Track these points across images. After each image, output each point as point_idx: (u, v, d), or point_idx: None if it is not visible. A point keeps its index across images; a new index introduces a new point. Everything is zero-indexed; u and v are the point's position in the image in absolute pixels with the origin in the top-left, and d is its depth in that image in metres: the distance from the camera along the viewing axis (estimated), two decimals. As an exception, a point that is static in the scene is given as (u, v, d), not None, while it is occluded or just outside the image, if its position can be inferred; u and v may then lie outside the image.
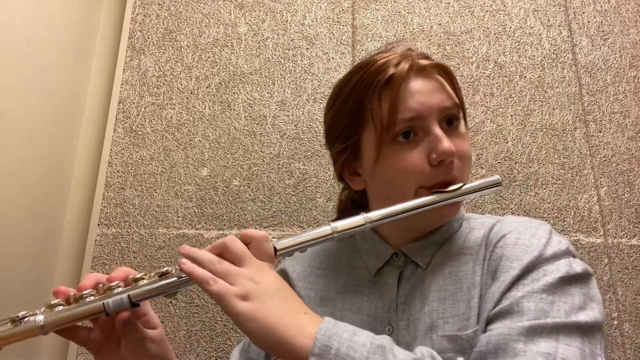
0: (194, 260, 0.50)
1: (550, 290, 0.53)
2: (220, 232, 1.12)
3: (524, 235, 0.59)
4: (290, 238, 0.56)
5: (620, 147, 1.13)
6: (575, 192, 1.09)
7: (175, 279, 0.51)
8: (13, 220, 1.01)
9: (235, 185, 1.15)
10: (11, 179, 1.00)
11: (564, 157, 1.12)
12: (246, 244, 0.53)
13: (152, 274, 0.52)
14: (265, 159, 1.17)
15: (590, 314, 0.52)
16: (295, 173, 1.15)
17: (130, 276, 0.53)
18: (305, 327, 0.46)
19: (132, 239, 1.13)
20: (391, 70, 0.63)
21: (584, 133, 1.14)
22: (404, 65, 0.63)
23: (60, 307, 0.51)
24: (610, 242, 1.06)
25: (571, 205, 1.09)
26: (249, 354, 0.73)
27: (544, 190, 1.10)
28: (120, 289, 0.52)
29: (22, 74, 1.03)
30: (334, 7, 1.27)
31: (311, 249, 0.74)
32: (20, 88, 1.03)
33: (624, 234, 1.06)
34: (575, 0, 1.24)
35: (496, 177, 0.63)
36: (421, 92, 0.62)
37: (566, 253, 0.57)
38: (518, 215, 1.09)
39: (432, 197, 0.60)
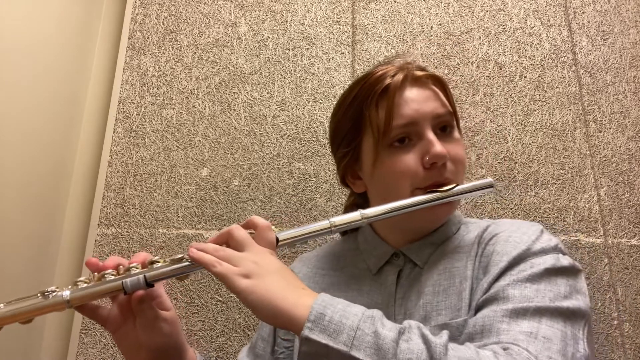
0: (200, 249, 0.55)
1: (535, 280, 0.56)
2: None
3: (516, 233, 0.63)
4: (292, 230, 0.60)
5: (620, 147, 1.13)
6: (575, 192, 1.09)
7: (187, 263, 0.56)
8: (13, 220, 1.01)
9: (235, 185, 1.15)
10: (11, 178, 1.00)
11: (564, 157, 1.12)
12: (251, 230, 0.58)
13: (167, 259, 0.58)
14: (265, 159, 1.17)
15: (575, 302, 0.54)
16: (295, 173, 1.15)
17: (147, 260, 0.58)
18: (303, 299, 0.49)
19: (132, 239, 1.13)
20: (388, 81, 0.68)
21: (584, 133, 1.14)
22: (400, 76, 0.68)
23: (84, 285, 0.56)
24: (610, 242, 1.06)
25: (571, 205, 1.09)
26: (255, 350, 0.77)
27: (544, 190, 1.10)
28: (137, 270, 0.57)
29: (22, 74, 1.03)
30: (334, 7, 1.27)
31: (317, 252, 0.83)
32: (21, 88, 1.03)
33: (624, 234, 1.06)
34: (575, 0, 1.24)
35: (489, 179, 0.67)
36: (415, 100, 0.67)
37: (554, 249, 0.60)
38: (518, 215, 1.09)
39: (425, 196, 0.64)
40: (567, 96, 1.16)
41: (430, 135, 0.65)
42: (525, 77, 1.18)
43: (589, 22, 1.22)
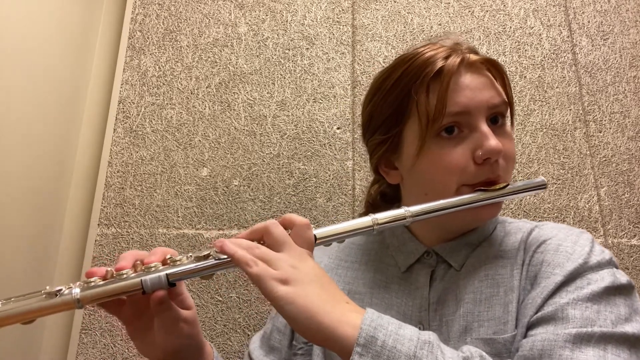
0: (234, 244, 0.49)
1: (595, 299, 0.51)
2: (220, 232, 1.12)
3: (566, 242, 0.58)
4: (330, 227, 0.55)
5: (620, 147, 1.13)
6: (575, 192, 1.09)
7: (213, 261, 0.50)
8: (13, 220, 1.00)
9: (235, 185, 1.15)
10: (11, 178, 1.00)
11: (564, 157, 1.12)
12: (287, 228, 0.52)
13: (190, 255, 0.52)
14: (265, 159, 1.17)
15: (636, 326, 0.50)
16: (295, 173, 1.15)
17: (168, 256, 0.52)
18: (348, 316, 0.44)
19: (132, 239, 1.13)
20: (440, 63, 0.61)
21: (584, 133, 1.14)
22: (455, 59, 0.61)
23: (99, 282, 0.50)
24: (610, 242, 1.06)
25: (571, 205, 1.09)
26: (270, 342, 0.71)
27: (544, 190, 1.10)
28: (159, 267, 0.51)
29: (22, 74, 1.03)
30: (334, 7, 1.27)
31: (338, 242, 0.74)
32: (20, 88, 1.03)
33: (624, 234, 1.06)
34: (575, 0, 1.24)
35: (541, 178, 0.62)
36: (470, 87, 0.60)
37: (609, 263, 0.56)
38: (518, 215, 1.09)
39: (475, 194, 0.59)
40: (567, 96, 1.16)
41: (485, 127, 0.59)
42: (525, 77, 1.18)
43: (589, 22, 1.22)
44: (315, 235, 0.53)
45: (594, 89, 1.17)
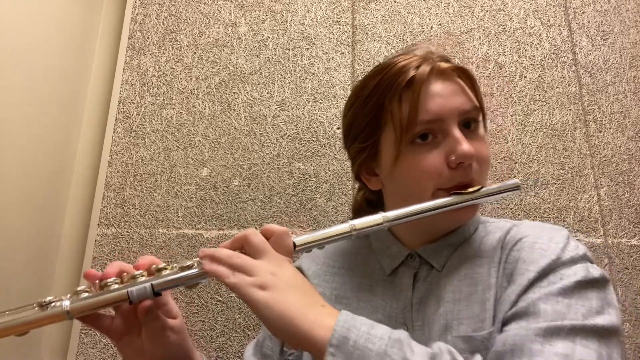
0: (213, 258, 0.51)
1: (566, 294, 0.52)
2: (220, 232, 1.12)
3: (541, 239, 0.59)
4: (309, 234, 0.57)
5: (620, 147, 1.13)
6: (575, 192, 1.09)
7: (196, 270, 0.53)
8: (13, 219, 1.00)
9: (235, 185, 1.15)
10: (11, 179, 1.00)
11: (564, 157, 1.12)
12: (267, 238, 0.54)
13: (174, 265, 0.54)
14: (265, 159, 1.17)
15: (608, 318, 0.51)
16: (295, 173, 1.15)
17: (154, 266, 0.54)
18: (323, 319, 0.46)
19: (132, 239, 1.13)
20: (412, 73, 0.63)
21: (584, 133, 1.14)
22: (425, 68, 0.63)
23: (86, 294, 0.52)
24: (610, 242, 1.06)
25: (571, 205, 1.09)
26: (263, 349, 0.73)
27: (544, 190, 1.10)
28: (143, 278, 0.53)
29: (22, 74, 1.03)
30: (334, 7, 1.27)
31: (326, 248, 0.77)
32: (21, 88, 1.03)
33: (624, 234, 1.06)
34: (575, 0, 1.24)
35: (515, 180, 0.63)
36: (441, 94, 0.63)
37: (583, 258, 0.57)
38: (518, 215, 1.09)
39: (450, 198, 0.61)
40: (567, 96, 1.16)
41: (457, 132, 0.61)
42: (525, 77, 1.18)
43: (589, 22, 1.22)
44: (294, 243, 0.55)
45: (594, 89, 1.17)
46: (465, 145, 0.60)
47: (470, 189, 0.61)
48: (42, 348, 1.09)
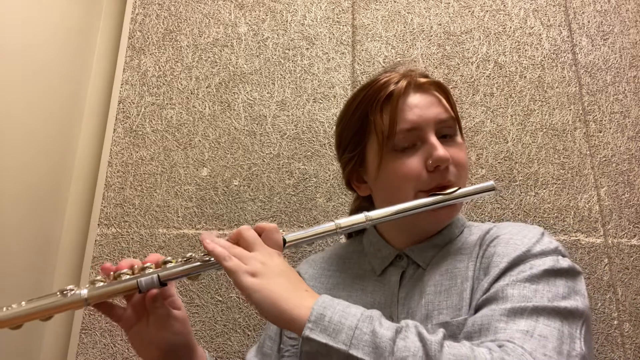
0: (213, 240, 0.58)
1: (534, 280, 0.57)
2: (220, 232, 1.12)
3: (517, 236, 0.64)
4: (299, 232, 0.63)
5: (620, 147, 1.13)
6: (575, 192, 1.09)
7: (198, 263, 0.59)
8: (13, 220, 1.01)
9: (235, 185, 1.15)
10: (11, 178, 1.00)
11: (564, 157, 1.12)
12: (259, 233, 0.60)
13: (178, 259, 0.61)
14: (265, 159, 1.17)
15: (572, 303, 0.55)
16: (295, 173, 1.15)
17: (160, 260, 0.61)
18: (305, 300, 0.51)
19: (132, 239, 1.13)
20: (391, 87, 0.70)
21: (584, 133, 1.14)
22: (403, 83, 0.70)
23: (101, 284, 0.60)
24: (610, 242, 1.06)
25: (571, 205, 1.09)
26: (263, 349, 0.79)
27: (544, 190, 1.10)
28: (151, 270, 0.60)
29: (22, 74, 1.03)
30: (334, 7, 1.27)
31: (323, 254, 0.86)
32: (21, 88, 1.03)
33: (624, 234, 1.06)
34: (575, 0, 1.24)
35: (490, 182, 0.69)
36: (419, 105, 0.69)
37: (554, 251, 0.62)
38: (518, 215, 1.09)
39: (429, 199, 0.66)
40: (567, 96, 1.16)
41: (433, 139, 0.67)
42: (525, 77, 1.18)
43: (589, 22, 1.22)
44: (285, 239, 0.61)
45: (594, 89, 1.17)
46: (441, 150, 0.66)
47: (448, 190, 0.67)
48: (42, 348, 1.09)
